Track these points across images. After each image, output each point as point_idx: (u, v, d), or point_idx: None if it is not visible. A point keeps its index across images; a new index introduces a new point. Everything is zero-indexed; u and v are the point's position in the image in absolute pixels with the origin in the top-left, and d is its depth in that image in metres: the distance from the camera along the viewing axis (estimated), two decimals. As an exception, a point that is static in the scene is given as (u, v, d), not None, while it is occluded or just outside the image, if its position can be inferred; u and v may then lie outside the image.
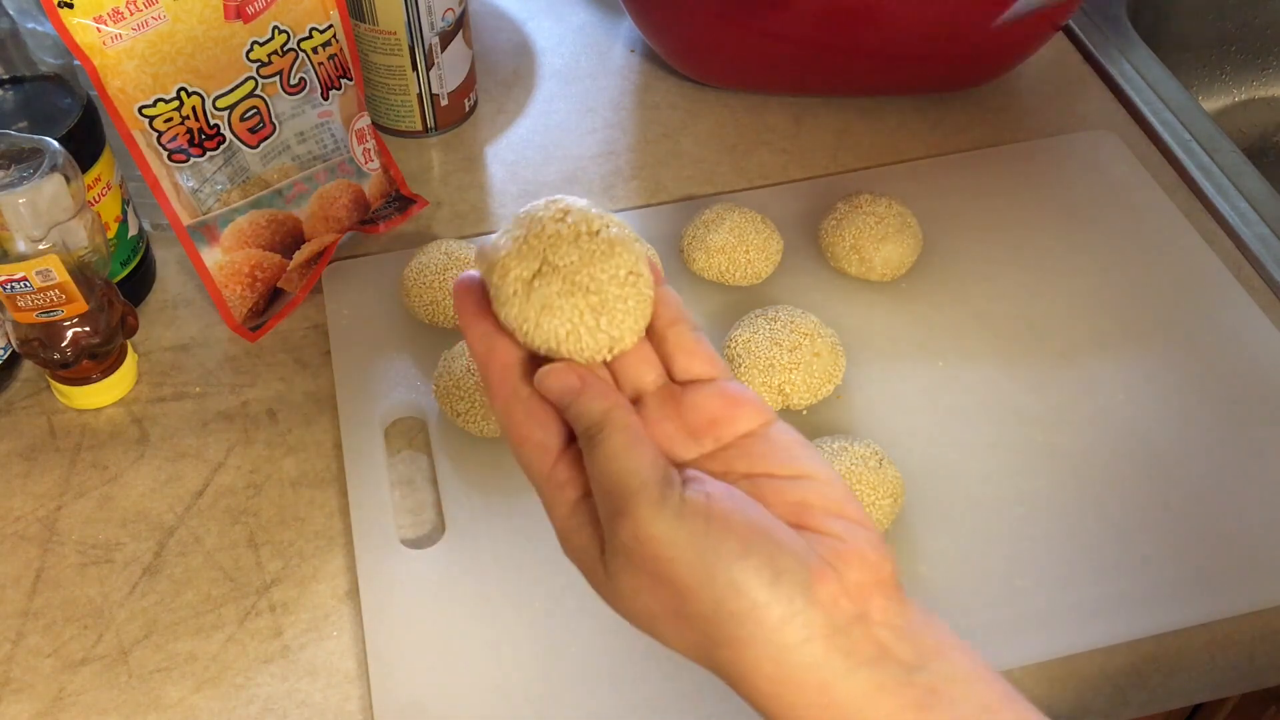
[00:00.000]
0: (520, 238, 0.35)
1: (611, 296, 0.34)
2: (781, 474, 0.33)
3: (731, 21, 0.66)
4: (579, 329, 0.34)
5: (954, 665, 0.31)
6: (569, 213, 0.35)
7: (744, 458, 0.34)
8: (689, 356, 0.35)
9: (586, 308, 0.34)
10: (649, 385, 0.35)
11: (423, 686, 0.46)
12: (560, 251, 0.34)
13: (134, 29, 0.51)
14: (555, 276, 0.34)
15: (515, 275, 0.34)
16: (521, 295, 0.34)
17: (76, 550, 0.51)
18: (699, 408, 0.34)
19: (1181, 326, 0.60)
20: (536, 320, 0.34)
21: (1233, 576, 0.50)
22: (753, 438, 0.34)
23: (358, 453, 0.53)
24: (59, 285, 0.50)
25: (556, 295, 0.34)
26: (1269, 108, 0.91)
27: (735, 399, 0.35)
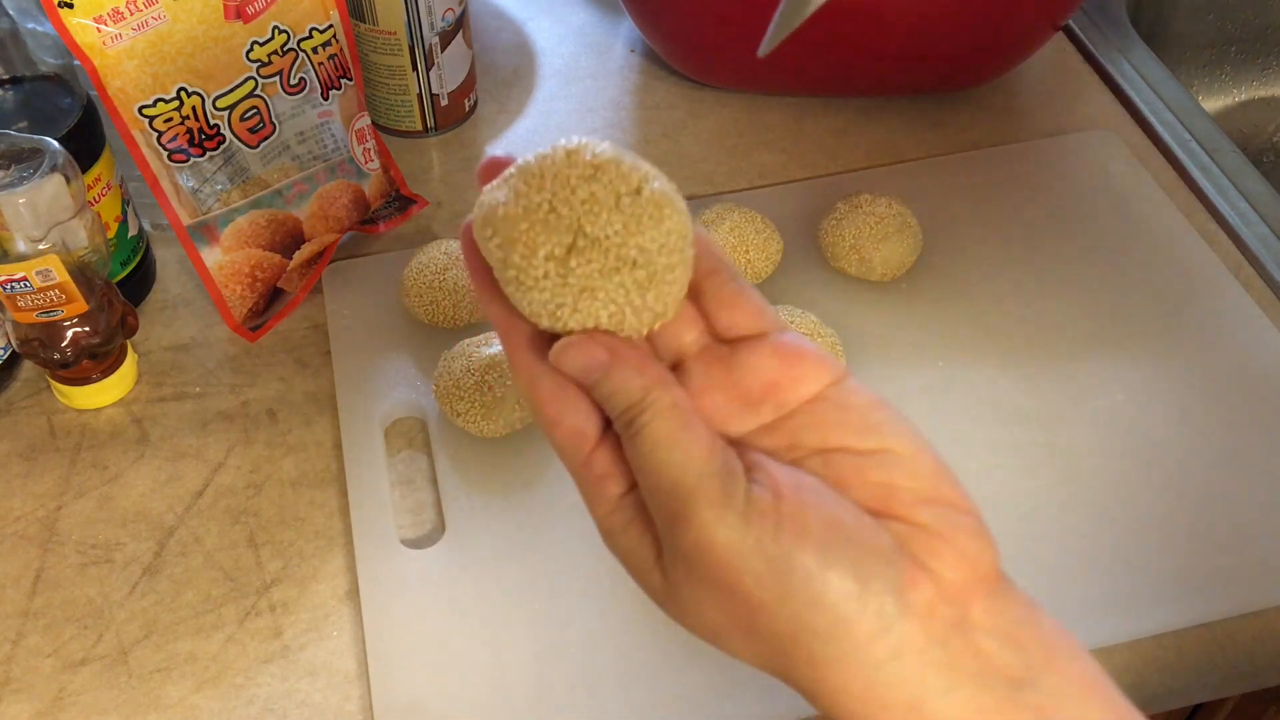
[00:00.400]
0: (542, 203, 0.29)
1: (660, 268, 0.29)
2: (860, 447, 0.29)
3: (732, 21, 0.66)
4: (624, 310, 0.29)
5: (1065, 678, 0.27)
6: (600, 167, 0.29)
7: (813, 427, 0.29)
8: (732, 310, 0.30)
9: (633, 285, 0.28)
10: (690, 347, 0.30)
11: (423, 686, 0.46)
12: (599, 220, 0.28)
13: (134, 29, 0.51)
14: (595, 251, 0.28)
15: (545, 253, 0.28)
16: (555, 277, 0.28)
17: (76, 550, 0.51)
18: (753, 369, 0.29)
19: (1182, 327, 0.59)
20: (574, 305, 0.29)
21: (1232, 576, 0.50)
22: (821, 401, 0.29)
23: (358, 453, 0.53)
24: (59, 285, 0.50)
25: (599, 275, 0.28)
26: (1269, 108, 0.91)
27: (794, 354, 0.29)
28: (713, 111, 0.73)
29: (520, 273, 0.29)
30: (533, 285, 0.29)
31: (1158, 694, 0.48)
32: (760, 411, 0.29)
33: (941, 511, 0.28)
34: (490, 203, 0.30)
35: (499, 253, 0.29)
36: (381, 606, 0.48)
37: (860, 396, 0.29)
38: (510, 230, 0.29)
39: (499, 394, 0.52)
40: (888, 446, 0.29)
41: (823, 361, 0.30)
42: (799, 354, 0.30)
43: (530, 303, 0.29)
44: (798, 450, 0.29)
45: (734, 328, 0.30)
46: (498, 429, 0.52)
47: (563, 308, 0.29)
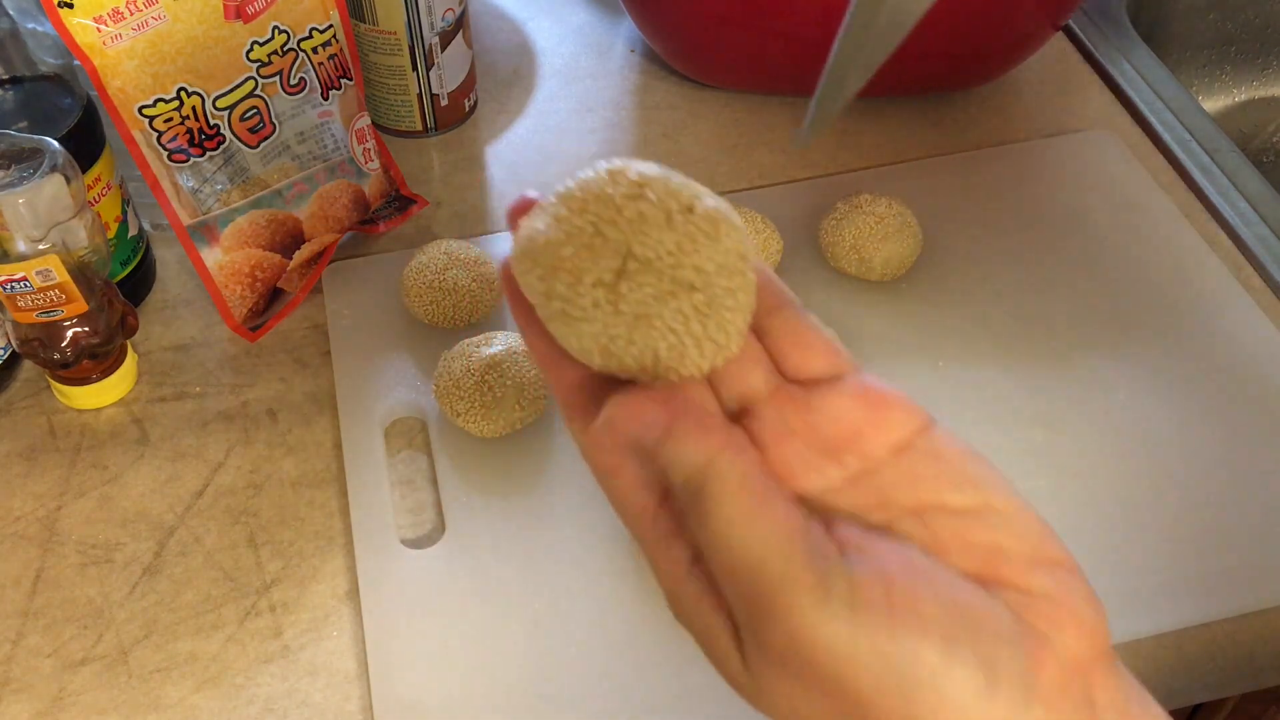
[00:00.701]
0: (585, 225, 0.26)
1: (720, 291, 0.26)
2: (959, 505, 0.26)
3: (731, 21, 0.66)
4: (684, 340, 0.26)
5: None
6: (646, 184, 0.26)
7: (905, 482, 0.26)
8: (804, 349, 0.28)
9: (692, 311, 0.25)
10: (759, 389, 0.27)
11: (423, 686, 0.46)
12: (650, 239, 0.25)
13: (134, 29, 0.51)
14: (648, 274, 0.25)
15: (593, 279, 0.25)
16: (606, 306, 0.25)
17: (76, 550, 0.51)
18: (833, 415, 0.26)
19: (1181, 327, 0.59)
20: (629, 336, 0.25)
21: (1233, 576, 0.50)
22: (910, 451, 0.26)
23: (358, 453, 0.53)
24: (59, 285, 0.50)
25: (654, 300, 0.25)
26: (1269, 108, 0.91)
27: (879, 399, 0.27)
28: (713, 111, 0.73)
29: (566, 304, 0.26)
30: (581, 316, 0.25)
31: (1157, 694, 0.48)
32: (844, 463, 0.26)
33: (1055, 575, 0.25)
34: (529, 234, 0.27)
35: (541, 285, 0.26)
36: (381, 606, 0.48)
37: (952, 445, 0.27)
38: (552, 258, 0.26)
39: (499, 394, 0.52)
40: (989, 503, 0.26)
41: (909, 407, 0.27)
42: (884, 398, 0.27)
43: (580, 337, 0.26)
44: (889, 509, 0.26)
45: (805, 368, 0.27)
46: (498, 429, 0.52)
47: (616, 340, 0.25)
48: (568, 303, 0.26)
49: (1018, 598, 0.24)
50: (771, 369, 0.28)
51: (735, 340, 0.27)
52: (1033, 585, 0.24)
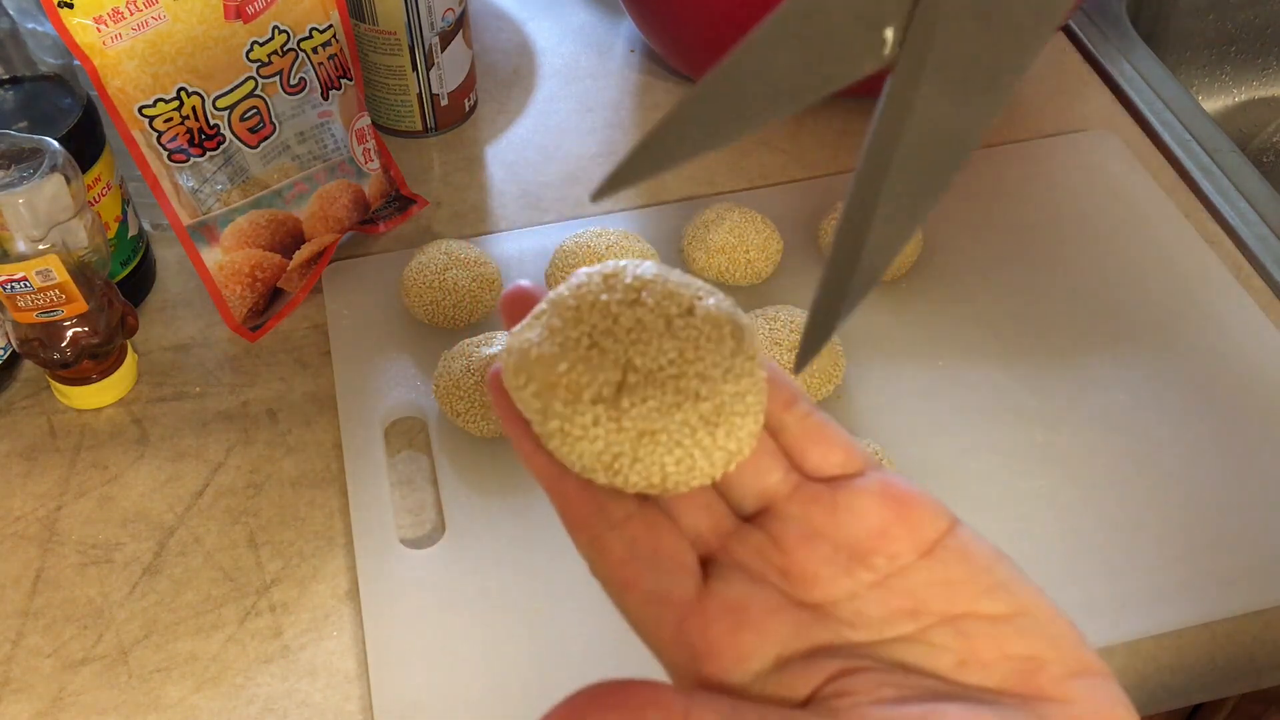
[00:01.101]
0: (580, 337, 0.25)
1: (728, 397, 0.25)
2: (993, 612, 0.24)
3: (732, 21, 0.66)
4: (692, 454, 0.25)
5: None
6: (643, 288, 0.25)
7: (937, 588, 0.25)
8: (823, 445, 0.27)
9: (699, 421, 0.24)
10: (778, 487, 0.27)
11: (423, 687, 0.46)
12: (650, 349, 0.24)
13: (134, 29, 0.51)
14: (650, 387, 0.24)
15: (591, 395, 0.24)
16: (608, 423, 0.24)
17: (76, 550, 0.51)
18: (859, 514, 0.26)
19: (1182, 327, 0.59)
20: (634, 454, 0.24)
21: (1232, 577, 0.50)
22: (940, 554, 0.25)
23: (358, 453, 0.53)
24: (59, 285, 0.50)
25: (657, 413, 0.24)
26: (1270, 108, 0.91)
27: (905, 498, 0.26)
28: (713, 111, 0.72)
29: (565, 422, 0.25)
30: (581, 435, 0.24)
31: (1157, 694, 0.48)
32: (872, 565, 0.25)
33: (1093, 684, 0.24)
34: (520, 345, 0.25)
35: (537, 402, 0.25)
36: (381, 606, 0.48)
37: (979, 546, 0.25)
38: (548, 374, 0.25)
39: (499, 394, 0.52)
40: (1025, 608, 0.25)
41: (935, 506, 0.26)
42: (909, 497, 0.26)
43: (581, 455, 0.25)
44: (921, 617, 0.25)
45: (825, 465, 0.27)
46: (498, 429, 0.52)
47: (620, 458, 0.24)
48: (567, 421, 0.25)
49: (1060, 710, 0.23)
50: (789, 466, 0.27)
51: (747, 444, 0.26)
52: (1073, 696, 0.24)
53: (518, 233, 0.65)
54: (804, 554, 0.25)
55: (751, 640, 0.25)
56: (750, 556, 0.26)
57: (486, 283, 0.58)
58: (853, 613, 0.25)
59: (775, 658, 0.25)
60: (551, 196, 0.67)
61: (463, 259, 0.58)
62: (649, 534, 0.26)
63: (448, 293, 0.57)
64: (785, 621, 0.25)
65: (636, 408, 0.24)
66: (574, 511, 0.26)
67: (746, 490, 0.27)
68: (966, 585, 0.25)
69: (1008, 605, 0.24)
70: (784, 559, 0.26)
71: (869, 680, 0.24)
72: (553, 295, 0.26)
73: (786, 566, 0.26)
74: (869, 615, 0.25)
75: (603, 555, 0.26)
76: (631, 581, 0.25)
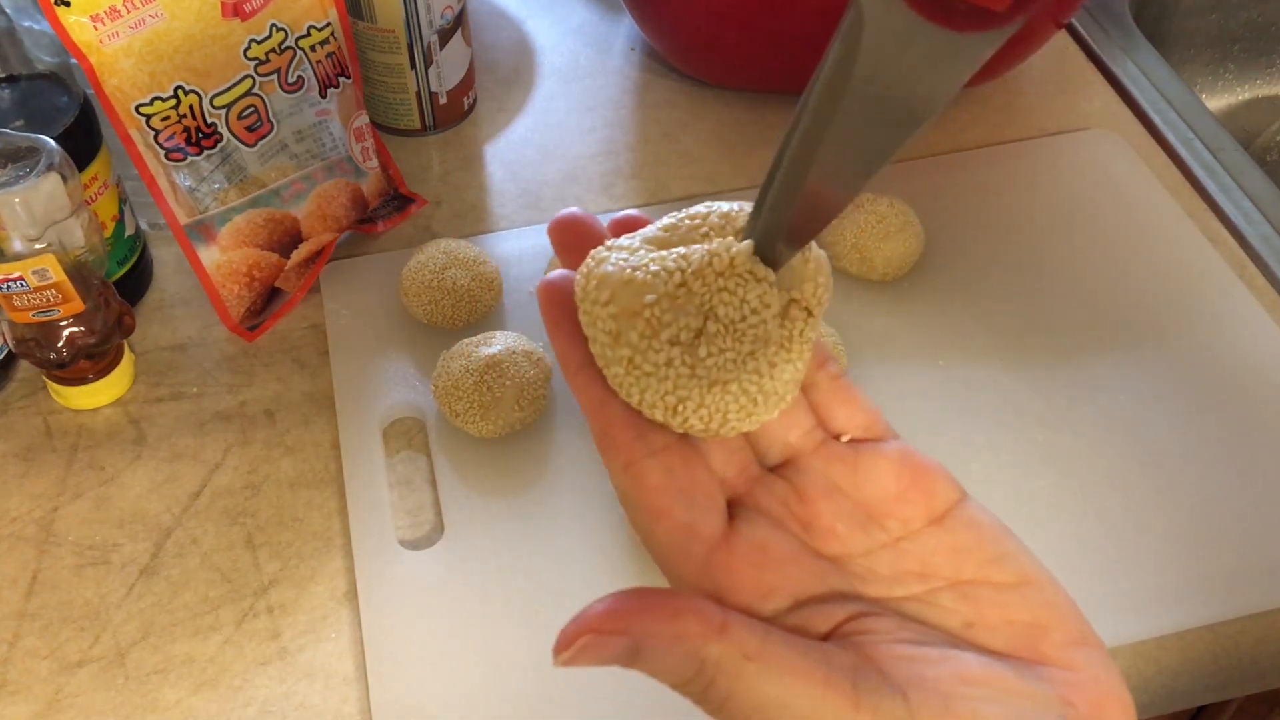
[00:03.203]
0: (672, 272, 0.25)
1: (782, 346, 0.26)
2: (1000, 580, 0.26)
3: (732, 20, 0.66)
4: (756, 399, 0.25)
5: None
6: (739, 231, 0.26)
7: (946, 554, 0.26)
8: (849, 407, 0.28)
9: (767, 368, 0.25)
10: (804, 441, 0.28)
11: (421, 688, 0.46)
12: (735, 298, 0.25)
13: (131, 27, 0.51)
14: (728, 337, 0.25)
15: (670, 335, 0.25)
16: (681, 367, 0.25)
17: (73, 551, 0.51)
18: (878, 478, 0.27)
19: (1184, 326, 0.59)
20: (701, 400, 0.25)
21: (1236, 578, 0.49)
22: (950, 523, 0.27)
23: (356, 453, 0.53)
24: (55, 285, 0.50)
25: (732, 364, 0.25)
26: (1273, 106, 0.91)
27: (922, 468, 0.27)
28: (713, 110, 0.72)
29: (636, 354, 0.25)
30: (651, 372, 0.25)
31: (1160, 696, 0.48)
32: (886, 528, 0.26)
33: (1092, 654, 0.25)
34: (612, 263, 0.26)
35: (613, 324, 0.25)
36: (380, 608, 0.48)
37: (986, 518, 0.27)
38: (633, 300, 0.25)
39: (498, 394, 0.51)
40: (1029, 578, 0.26)
41: (948, 478, 0.27)
42: (926, 468, 0.27)
43: (644, 390, 0.25)
44: (929, 579, 0.26)
45: (849, 427, 0.28)
46: (496, 429, 0.52)
47: (686, 402, 0.25)
48: (639, 353, 0.25)
49: (1062, 675, 0.24)
50: (815, 423, 0.28)
51: (792, 391, 0.26)
52: (1075, 663, 0.25)
53: (517, 232, 0.64)
54: (824, 507, 0.26)
55: (773, 579, 0.25)
56: (774, 504, 0.27)
57: (485, 282, 0.57)
58: (865, 569, 0.26)
59: (794, 599, 0.25)
60: (551, 195, 0.67)
61: (462, 258, 0.57)
62: (685, 466, 0.26)
63: (447, 292, 0.56)
64: (804, 567, 0.26)
65: (714, 358, 0.25)
66: (614, 435, 0.26)
67: (774, 440, 0.27)
68: (974, 553, 0.26)
69: (1013, 575, 0.26)
70: (805, 510, 0.27)
71: (887, 623, 0.25)
72: (659, 223, 0.27)
73: (807, 518, 0.27)
74: (880, 573, 0.26)
75: (638, 481, 0.26)
76: (665, 510, 0.25)
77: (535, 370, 0.53)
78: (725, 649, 0.23)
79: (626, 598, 0.23)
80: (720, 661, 0.23)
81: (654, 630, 0.23)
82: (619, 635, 0.23)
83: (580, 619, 0.23)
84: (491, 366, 0.52)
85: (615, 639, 0.23)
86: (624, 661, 0.23)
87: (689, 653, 0.23)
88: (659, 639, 0.23)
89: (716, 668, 0.23)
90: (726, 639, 0.23)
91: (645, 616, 0.23)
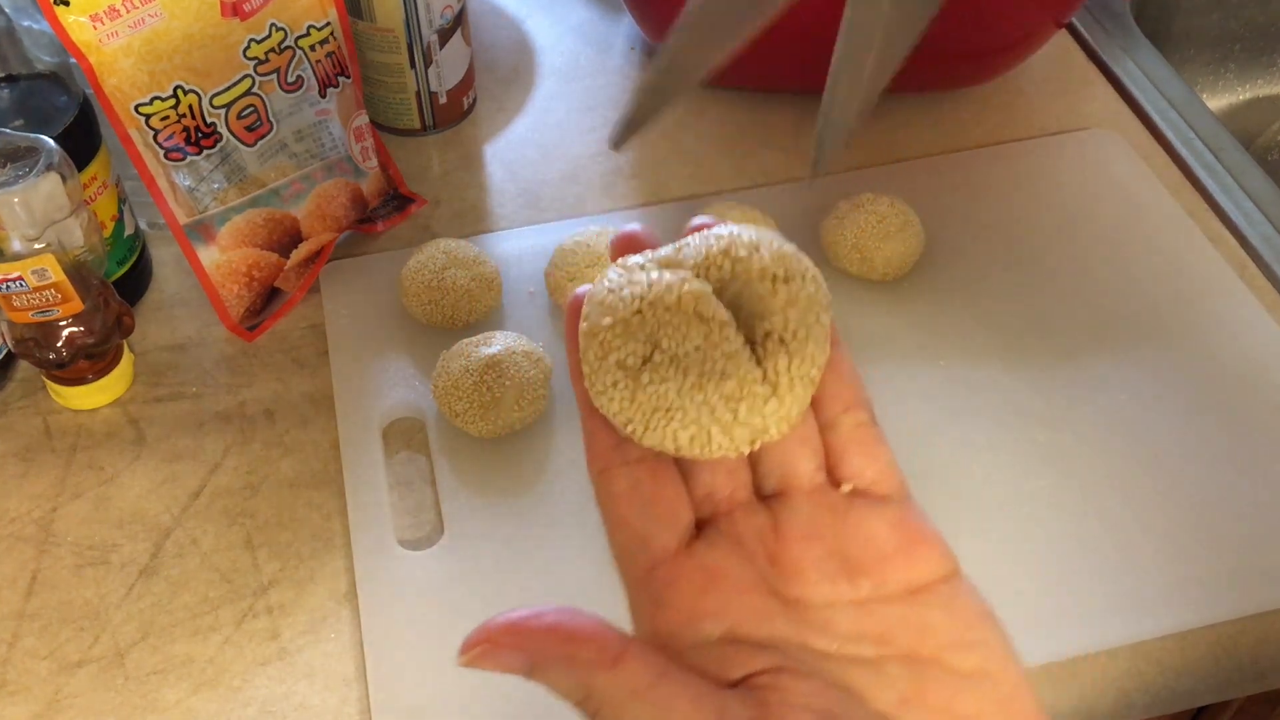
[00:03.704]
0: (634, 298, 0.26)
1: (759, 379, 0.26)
2: (957, 666, 0.25)
3: (732, 19, 0.66)
4: (708, 430, 0.26)
5: None
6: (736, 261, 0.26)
7: (912, 625, 0.25)
8: (866, 457, 0.27)
9: (720, 401, 0.25)
10: (802, 479, 0.27)
11: (421, 689, 0.46)
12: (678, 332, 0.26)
13: (130, 26, 0.51)
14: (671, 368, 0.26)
15: (617, 359, 0.26)
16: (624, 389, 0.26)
17: (73, 552, 0.51)
18: (867, 535, 0.26)
19: (1185, 326, 0.59)
20: (646, 424, 0.26)
21: (1237, 578, 0.49)
22: (927, 595, 0.26)
23: (356, 453, 0.53)
24: (55, 285, 0.50)
25: (675, 394, 0.25)
26: (1274, 106, 0.91)
27: (918, 535, 0.26)
28: (714, 110, 0.72)
29: (593, 373, 0.26)
30: (602, 391, 0.26)
31: (1161, 696, 0.48)
32: (857, 585, 0.26)
33: None
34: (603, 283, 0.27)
35: (582, 340, 0.27)
36: (379, 608, 0.48)
37: (969, 601, 0.26)
38: (595, 323, 0.26)
39: (497, 394, 0.51)
40: (990, 673, 0.25)
41: (943, 551, 0.26)
42: (922, 536, 0.26)
43: (602, 406, 0.26)
44: (885, 646, 0.25)
45: (859, 477, 0.27)
46: (496, 429, 0.52)
47: (631, 424, 0.26)
48: (594, 372, 0.26)
49: None
50: (822, 463, 0.27)
51: (776, 425, 0.26)
52: None
53: (517, 231, 0.64)
54: (798, 549, 0.26)
55: (712, 605, 0.25)
56: (748, 533, 0.27)
57: (485, 282, 0.57)
58: (823, 620, 0.26)
59: (728, 630, 0.25)
60: (551, 195, 0.67)
61: (461, 258, 0.57)
62: (653, 480, 0.27)
63: (446, 292, 0.56)
64: (751, 604, 0.25)
65: (654, 385, 0.25)
66: (596, 441, 0.28)
67: (771, 469, 0.27)
68: (940, 633, 0.25)
69: (974, 664, 0.25)
70: (778, 546, 0.26)
71: (806, 686, 0.24)
72: (679, 242, 0.27)
73: (778, 554, 0.26)
74: (838, 628, 0.25)
75: (606, 487, 0.27)
76: (624, 517, 0.26)
77: (535, 370, 0.53)
78: (612, 682, 0.23)
79: (534, 615, 0.24)
80: (606, 693, 0.23)
81: (546, 651, 0.24)
82: (514, 649, 0.24)
83: (483, 627, 0.24)
84: (491, 366, 0.52)
85: (510, 652, 0.24)
86: (520, 674, 0.24)
87: (578, 678, 0.24)
88: (550, 660, 0.24)
89: (602, 698, 0.23)
90: (616, 671, 0.23)
91: (541, 636, 0.24)
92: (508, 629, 0.24)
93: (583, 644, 0.24)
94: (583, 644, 0.24)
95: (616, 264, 0.28)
